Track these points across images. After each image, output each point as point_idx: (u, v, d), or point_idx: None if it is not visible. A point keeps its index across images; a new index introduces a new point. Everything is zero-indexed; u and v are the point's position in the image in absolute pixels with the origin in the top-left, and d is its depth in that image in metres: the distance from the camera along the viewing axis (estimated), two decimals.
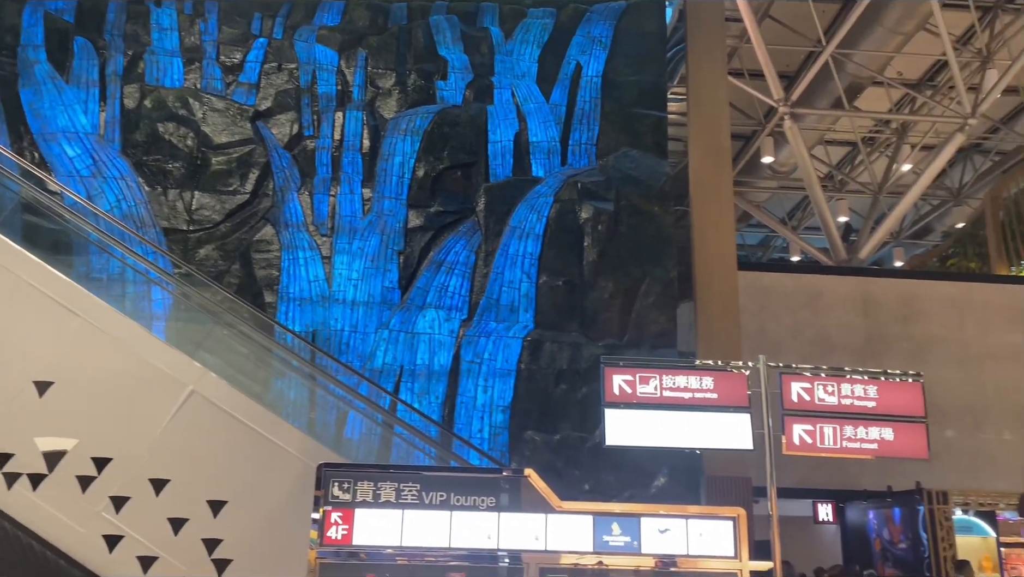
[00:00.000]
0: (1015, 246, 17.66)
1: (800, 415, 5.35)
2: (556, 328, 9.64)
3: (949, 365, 13.65)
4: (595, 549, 4.69)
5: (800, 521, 14.69)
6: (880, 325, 13.79)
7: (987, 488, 11.89)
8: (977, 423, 13.47)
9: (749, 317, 13.32)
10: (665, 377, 5.37)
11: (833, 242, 16.60)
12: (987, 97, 15.16)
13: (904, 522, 11.43)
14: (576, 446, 9.10)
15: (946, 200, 23.86)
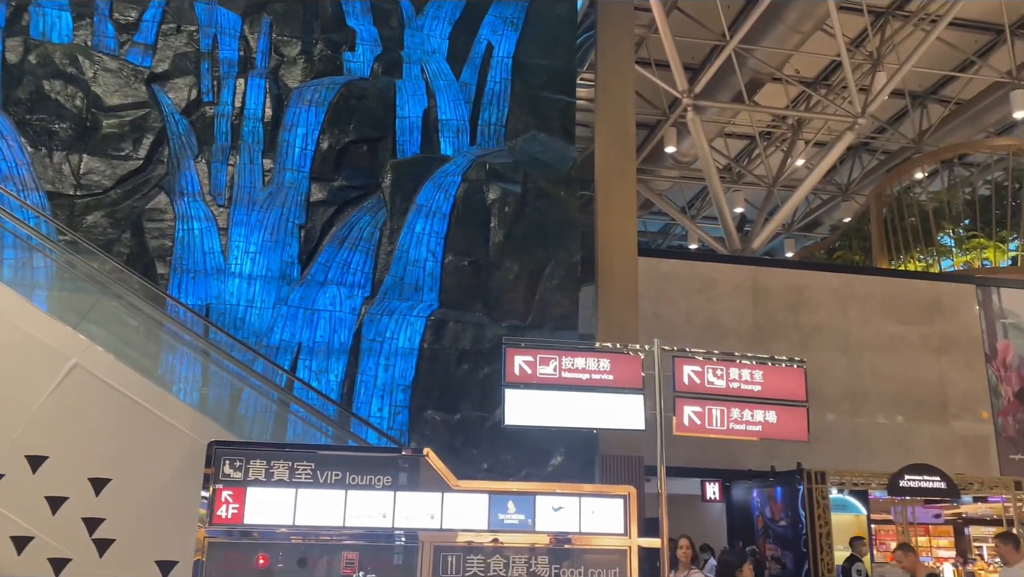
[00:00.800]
0: (896, 241, 18.74)
1: (690, 397, 5.54)
2: (460, 308, 9.64)
3: (831, 352, 14.41)
4: (490, 527, 4.74)
5: (689, 499, 15.26)
6: (769, 312, 14.42)
7: (862, 469, 12.63)
8: (855, 408, 14.28)
9: (647, 302, 13.67)
10: (564, 359, 5.46)
11: (728, 232, 17.20)
12: (876, 98, 15.96)
13: (785, 500, 12.04)
14: (476, 426, 9.15)
15: (835, 195, 25.08)
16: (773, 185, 21.36)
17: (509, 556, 4.72)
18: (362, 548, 4.72)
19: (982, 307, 15.32)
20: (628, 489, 4.94)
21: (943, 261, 18.31)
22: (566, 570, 4.82)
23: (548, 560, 4.80)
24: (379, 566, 4.76)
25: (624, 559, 4.87)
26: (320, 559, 4.61)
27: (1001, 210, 17.95)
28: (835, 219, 26.42)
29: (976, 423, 14.70)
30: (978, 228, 18.15)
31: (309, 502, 4.62)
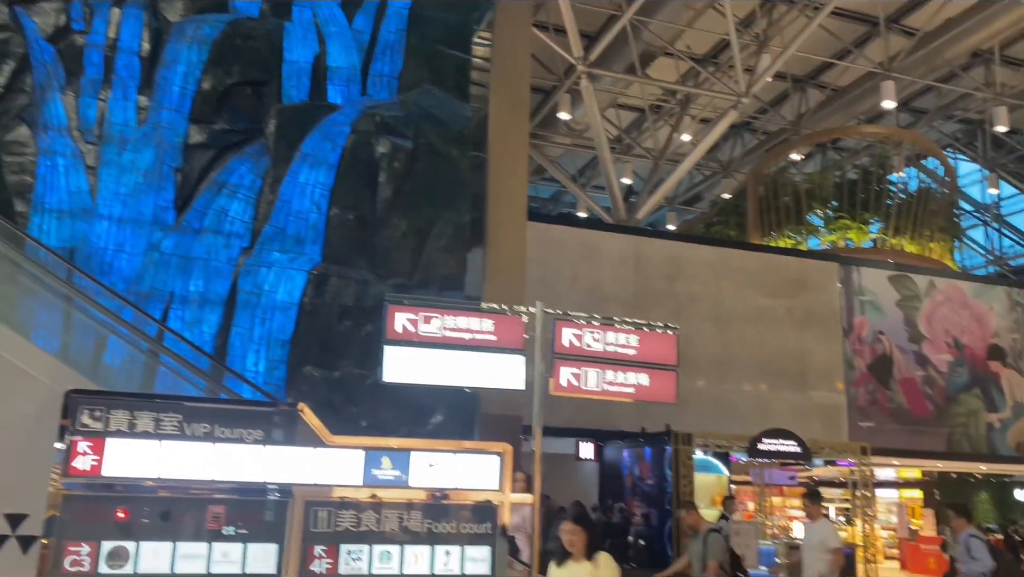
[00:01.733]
0: (770, 219, 19.67)
1: (569, 359, 5.67)
2: (344, 263, 9.44)
3: (704, 321, 15.06)
4: (364, 483, 4.71)
5: (564, 458, 15.71)
6: (648, 281, 14.90)
7: (725, 432, 13.33)
8: (723, 375, 15.02)
9: (535, 266, 13.84)
10: (447, 317, 5.46)
11: (615, 202, 17.58)
12: (760, 79, 16.56)
13: (653, 460, 12.60)
14: (356, 383, 9.05)
15: (716, 172, 26.03)
16: (659, 158, 21.92)
17: (382, 511, 4.72)
18: (230, 502, 4.60)
19: (843, 284, 16.35)
20: (503, 447, 5.01)
21: (811, 240, 19.37)
22: (438, 524, 4.87)
23: (421, 515, 4.83)
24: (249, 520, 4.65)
25: (497, 514, 4.96)
26: (185, 513, 4.47)
27: (866, 194, 19.11)
28: (715, 195, 27.45)
29: (831, 393, 15.77)
30: (844, 210, 19.27)
31: (175, 455, 4.45)
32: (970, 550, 7.65)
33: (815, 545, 7.46)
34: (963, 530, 8.02)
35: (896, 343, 16.44)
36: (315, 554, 4.60)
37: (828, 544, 7.37)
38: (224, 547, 4.55)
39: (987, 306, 17.58)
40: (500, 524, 4.96)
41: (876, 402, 16.00)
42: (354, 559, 4.66)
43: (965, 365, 17.00)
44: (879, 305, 16.50)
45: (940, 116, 22.95)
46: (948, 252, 20.26)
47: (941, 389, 16.63)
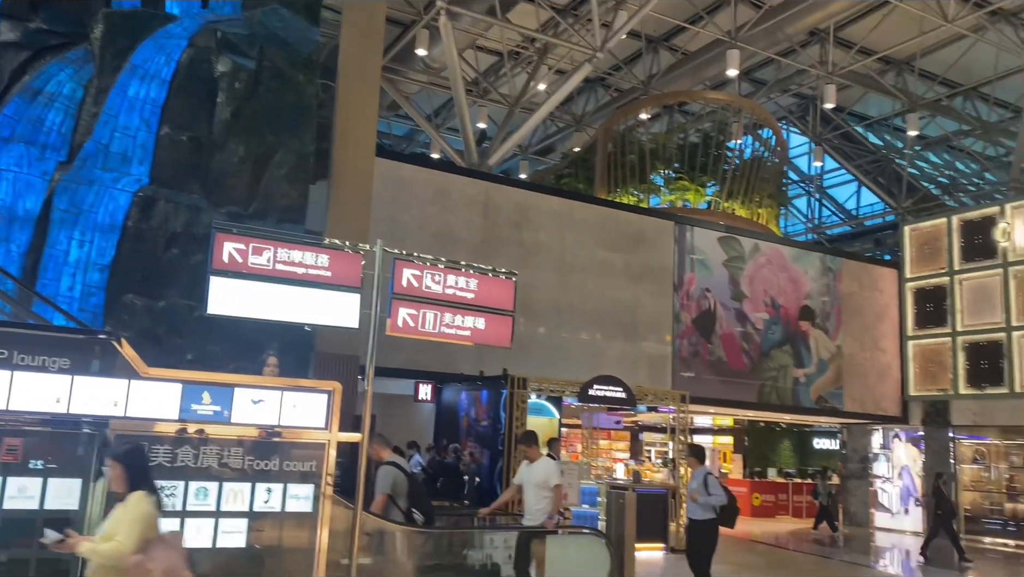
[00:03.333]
0: (616, 175, 20.26)
1: (407, 300, 5.62)
2: (174, 187, 8.87)
3: (548, 270, 15.41)
4: (180, 417, 4.50)
5: (402, 399, 15.76)
6: (496, 227, 15.03)
7: (560, 377, 13.81)
8: (561, 322, 15.48)
9: (382, 205, 13.58)
10: (280, 250, 5.23)
11: (468, 146, 17.48)
12: (615, 35, 16.83)
13: (489, 403, 12.87)
14: (182, 315, 8.61)
15: (570, 125, 26.42)
16: (515, 105, 21.95)
17: (200, 446, 4.54)
18: (30, 434, 4.27)
19: (677, 242, 17.18)
20: (333, 385, 4.93)
21: (652, 198, 20.15)
22: (262, 462, 4.74)
23: (243, 452, 4.69)
24: (53, 454, 4.35)
25: (322, 452, 4.90)
26: None
27: (706, 158, 20.05)
28: (567, 147, 27.89)
29: (659, 344, 16.66)
30: (685, 172, 20.15)
31: None
32: (707, 486, 8.50)
33: (538, 484, 7.75)
34: (696, 468, 8.88)
35: (720, 300, 17.54)
36: None
37: (550, 482, 7.70)
38: (20, 481, 4.23)
39: (803, 270, 19.06)
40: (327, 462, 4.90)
41: (698, 354, 17.06)
42: (167, 495, 4.47)
43: (779, 323, 18.42)
44: (708, 264, 17.50)
45: (777, 89, 24.32)
46: (774, 218, 21.70)
47: (757, 345, 17.96)
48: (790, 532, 19.28)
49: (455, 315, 5.80)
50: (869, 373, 19.77)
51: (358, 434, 5.36)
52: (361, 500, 5.38)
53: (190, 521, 4.51)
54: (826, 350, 19.11)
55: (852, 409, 19.41)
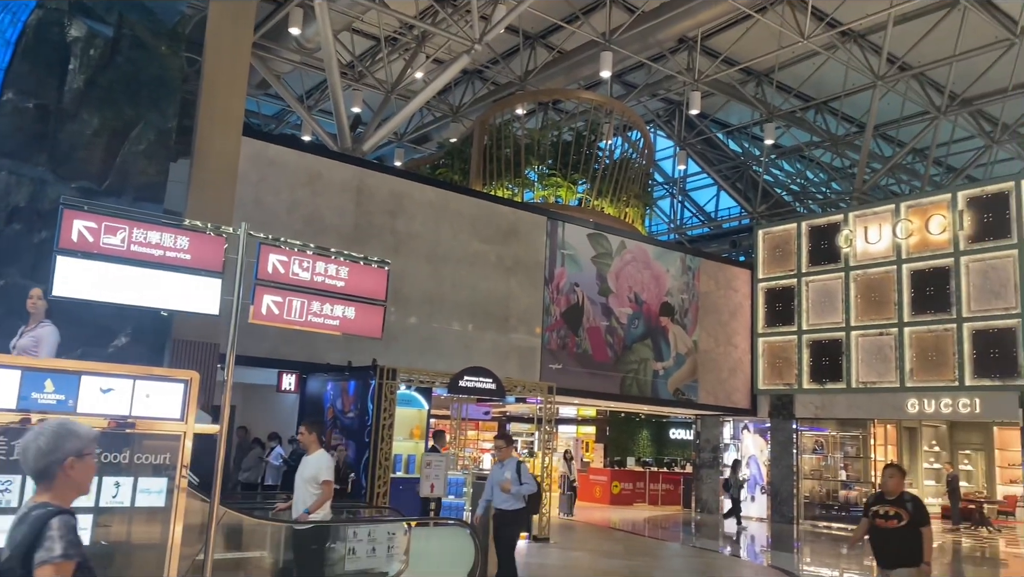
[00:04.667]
0: (491, 168, 20.36)
1: (272, 286, 5.42)
2: (17, 157, 8.21)
3: (421, 260, 15.31)
4: (20, 407, 4.17)
5: (265, 389, 15.28)
6: (369, 215, 14.79)
7: (430, 368, 13.77)
8: (433, 313, 15.43)
9: (248, 186, 13.08)
10: (136, 230, 4.93)
11: (342, 129, 17.10)
12: (493, 29, 16.89)
13: (357, 394, 12.66)
14: (24, 295, 7.97)
15: (446, 115, 26.33)
16: (391, 92, 21.65)
17: None
18: None
19: (549, 237, 17.49)
20: (190, 374, 4.70)
21: (526, 193, 20.40)
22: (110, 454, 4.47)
23: None
24: None
25: (177, 444, 4.67)
26: None
27: (578, 156, 20.48)
28: (443, 137, 27.79)
29: (529, 336, 16.91)
30: (557, 168, 20.51)
31: None
32: (520, 475, 8.71)
33: (307, 478, 7.23)
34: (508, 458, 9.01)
35: (588, 295, 18.00)
36: None
37: (319, 477, 7.13)
38: None
39: (665, 268, 19.85)
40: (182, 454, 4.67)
41: (565, 346, 17.46)
42: (2, 491, 4.13)
43: (642, 318, 19.12)
44: (577, 259, 17.92)
45: (647, 93, 25.16)
46: (640, 217, 22.46)
47: (620, 338, 18.57)
48: (646, 519, 20.08)
49: (323, 304, 5.66)
50: (722, 367, 20.85)
51: (216, 425, 5.14)
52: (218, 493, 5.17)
53: None
54: (684, 345, 20.00)
55: (706, 401, 20.41)
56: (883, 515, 6.84)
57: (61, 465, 2.63)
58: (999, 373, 16.55)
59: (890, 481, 6.93)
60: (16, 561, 2.47)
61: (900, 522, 6.73)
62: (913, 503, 6.83)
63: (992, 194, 17.31)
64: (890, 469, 7.10)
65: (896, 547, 6.76)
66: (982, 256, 17.16)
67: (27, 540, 2.49)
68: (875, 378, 18.70)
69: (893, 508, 6.81)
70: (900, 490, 6.91)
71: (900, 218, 18.74)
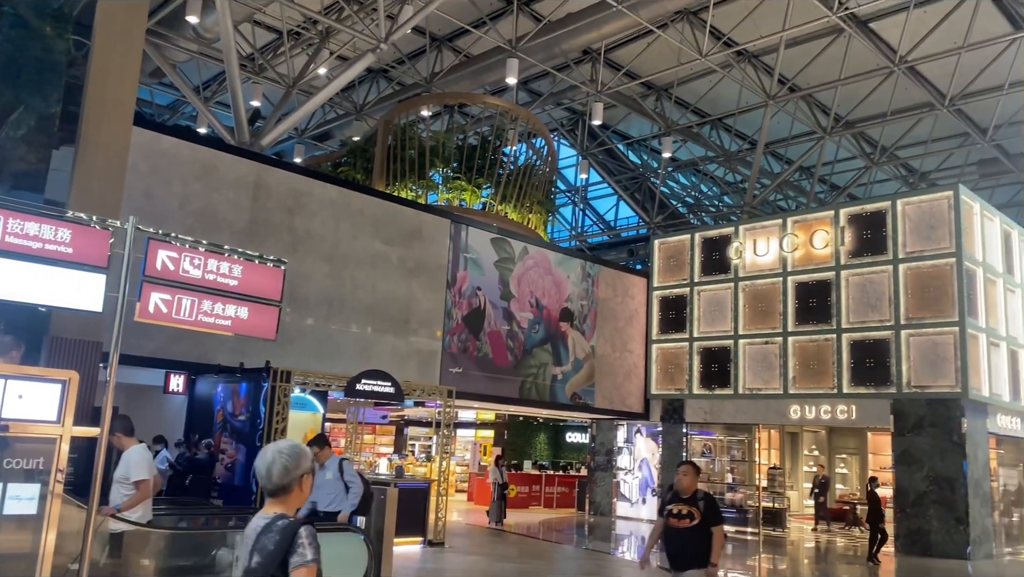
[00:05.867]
0: (395, 168, 20.19)
1: (160, 284, 5.20)
2: None
3: (319, 260, 15.02)
4: None
5: (150, 390, 14.64)
6: (267, 212, 14.39)
7: (327, 371, 13.51)
8: (332, 314, 15.15)
9: (138, 178, 12.52)
10: (12, 221, 4.64)
11: (240, 123, 16.59)
12: (399, 29, 16.77)
13: (248, 396, 12.28)
14: None
15: (350, 112, 25.94)
16: (292, 87, 21.18)
17: None
18: None
19: (452, 240, 17.48)
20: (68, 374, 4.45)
21: (430, 195, 20.32)
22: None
23: None
24: None
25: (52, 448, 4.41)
26: None
27: (483, 161, 20.57)
28: (346, 135, 27.38)
29: (430, 339, 16.83)
30: (462, 172, 20.53)
31: None
32: (343, 473, 8.61)
33: (119, 478, 6.76)
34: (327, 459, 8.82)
35: (490, 299, 18.08)
36: None
37: (131, 476, 6.65)
38: None
39: (565, 274, 20.16)
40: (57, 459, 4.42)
41: (466, 350, 17.47)
42: None
43: (542, 323, 19.35)
44: (480, 263, 17.97)
45: (551, 101, 25.51)
46: (542, 223, 22.75)
47: (520, 343, 18.73)
48: (541, 521, 20.30)
49: (215, 303, 5.47)
50: (618, 372, 21.33)
51: (96, 428, 4.89)
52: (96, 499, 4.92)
53: None
54: (582, 350, 20.35)
55: (602, 405, 20.84)
56: (676, 514, 6.53)
57: (299, 481, 3.04)
58: (874, 382, 17.57)
59: (684, 479, 6.62)
60: (274, 566, 2.84)
61: (692, 521, 6.42)
62: (706, 501, 6.55)
63: (871, 212, 18.39)
64: (684, 466, 6.79)
65: (687, 548, 6.42)
66: (860, 270, 18.19)
67: (280, 547, 2.85)
68: (760, 385, 19.53)
69: (686, 507, 6.51)
70: (694, 488, 6.61)
71: (787, 232, 19.65)
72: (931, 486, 16.29)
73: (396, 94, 24.87)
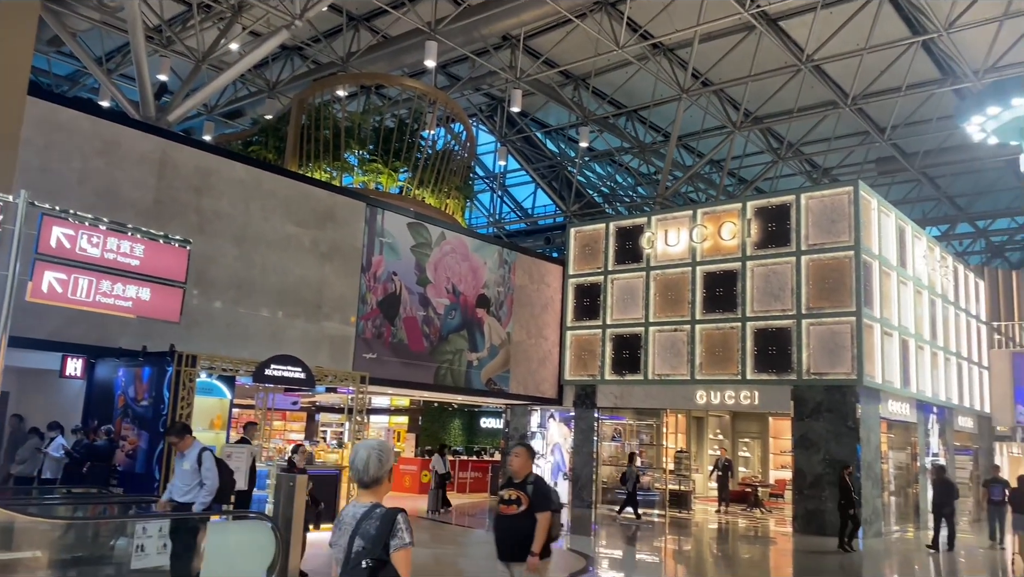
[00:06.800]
0: (309, 149, 19.74)
1: (55, 262, 4.95)
2: None
3: (228, 241, 14.57)
4: None
5: (46, 374, 13.97)
6: (173, 190, 13.86)
7: (235, 356, 13.14)
8: (241, 298, 14.74)
9: (32, 152, 11.90)
10: None
11: (145, 97, 15.91)
12: (315, 6, 16.38)
13: (151, 381, 11.85)
14: None
15: (262, 90, 25.22)
16: (202, 61, 20.41)
17: None
18: None
19: (367, 224, 17.24)
20: None
21: (345, 177, 19.98)
22: None
23: None
24: None
25: None
26: None
27: (400, 144, 20.32)
28: (258, 113, 26.63)
29: (343, 324, 16.59)
30: (379, 155, 20.25)
31: None
32: (202, 464, 7.80)
33: None
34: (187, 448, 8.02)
35: (406, 284, 17.94)
36: None
37: None
38: None
39: (483, 261, 20.18)
40: None
41: (381, 336, 17.30)
42: None
43: (458, 309, 19.33)
44: (396, 248, 17.80)
45: (470, 86, 25.41)
46: (460, 209, 22.67)
47: (436, 329, 18.67)
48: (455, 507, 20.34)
49: (115, 283, 5.25)
50: (533, 359, 21.53)
51: None
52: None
53: None
54: (498, 336, 20.44)
55: (517, 391, 21.00)
56: (505, 500, 5.99)
57: (388, 474, 3.59)
58: (775, 369, 18.27)
59: (515, 461, 6.06)
60: (378, 548, 3.27)
61: (520, 507, 5.87)
62: (535, 486, 5.97)
63: (776, 205, 19.06)
64: (517, 448, 6.19)
65: (513, 536, 5.85)
66: (765, 261, 18.85)
67: (382, 531, 3.32)
68: (669, 371, 20.05)
69: (515, 491, 5.96)
70: (526, 472, 6.03)
71: (696, 224, 20.18)
72: (827, 469, 17.07)
73: (311, 73, 24.29)
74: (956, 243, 32.78)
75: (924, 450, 20.45)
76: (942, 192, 29.13)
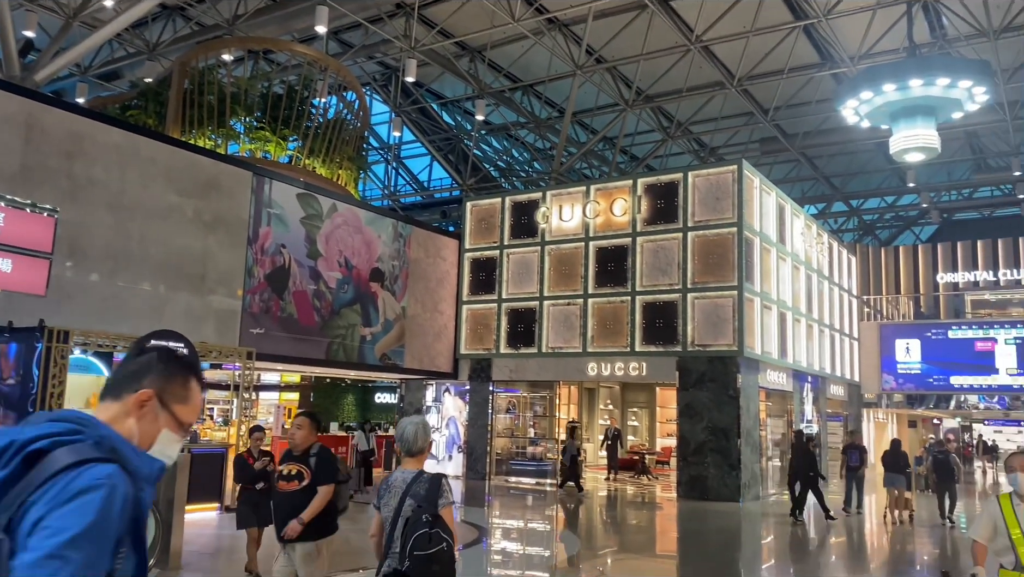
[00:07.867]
0: (192, 115, 18.83)
1: None
2: None
3: (103, 210, 13.76)
4: None
5: None
6: (41, 155, 12.95)
7: (113, 331, 12.49)
8: (118, 270, 13.98)
9: None
10: None
11: (9, 55, 14.80)
12: None
13: (19, 358, 11.12)
14: None
15: (141, 51, 23.87)
16: (73, 18, 19.10)
17: None
18: None
19: (254, 194, 16.64)
20: None
21: (230, 145, 19.20)
22: None
23: None
24: None
25: None
26: None
27: (289, 111, 19.67)
28: (137, 76, 25.20)
29: (229, 298, 16.01)
30: (267, 122, 19.54)
31: None
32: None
33: None
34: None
35: (295, 257, 17.47)
36: None
37: None
38: None
39: (376, 234, 19.87)
40: None
41: (269, 311, 16.81)
42: None
43: (351, 283, 18.99)
44: (285, 219, 17.27)
45: (364, 54, 24.83)
46: (353, 180, 22.19)
47: (328, 303, 18.30)
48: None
49: None
50: (428, 333, 21.45)
51: None
52: None
53: None
54: (392, 311, 20.24)
55: (412, 366, 20.89)
56: (285, 476, 5.44)
57: (429, 445, 4.18)
58: (662, 341, 18.87)
59: (297, 433, 5.51)
60: (430, 506, 3.83)
61: (301, 482, 5.36)
62: (318, 457, 5.45)
63: (665, 183, 19.57)
64: (299, 418, 5.62)
65: (293, 515, 5.28)
66: (654, 237, 19.37)
67: (432, 491, 3.89)
68: (562, 344, 20.40)
69: (296, 465, 5.43)
70: (309, 443, 5.50)
71: (589, 199, 20.50)
72: (710, 436, 17.83)
73: (194, 35, 23.15)
74: (831, 221, 34.62)
75: (799, 417, 21.64)
76: (819, 172, 30.65)
